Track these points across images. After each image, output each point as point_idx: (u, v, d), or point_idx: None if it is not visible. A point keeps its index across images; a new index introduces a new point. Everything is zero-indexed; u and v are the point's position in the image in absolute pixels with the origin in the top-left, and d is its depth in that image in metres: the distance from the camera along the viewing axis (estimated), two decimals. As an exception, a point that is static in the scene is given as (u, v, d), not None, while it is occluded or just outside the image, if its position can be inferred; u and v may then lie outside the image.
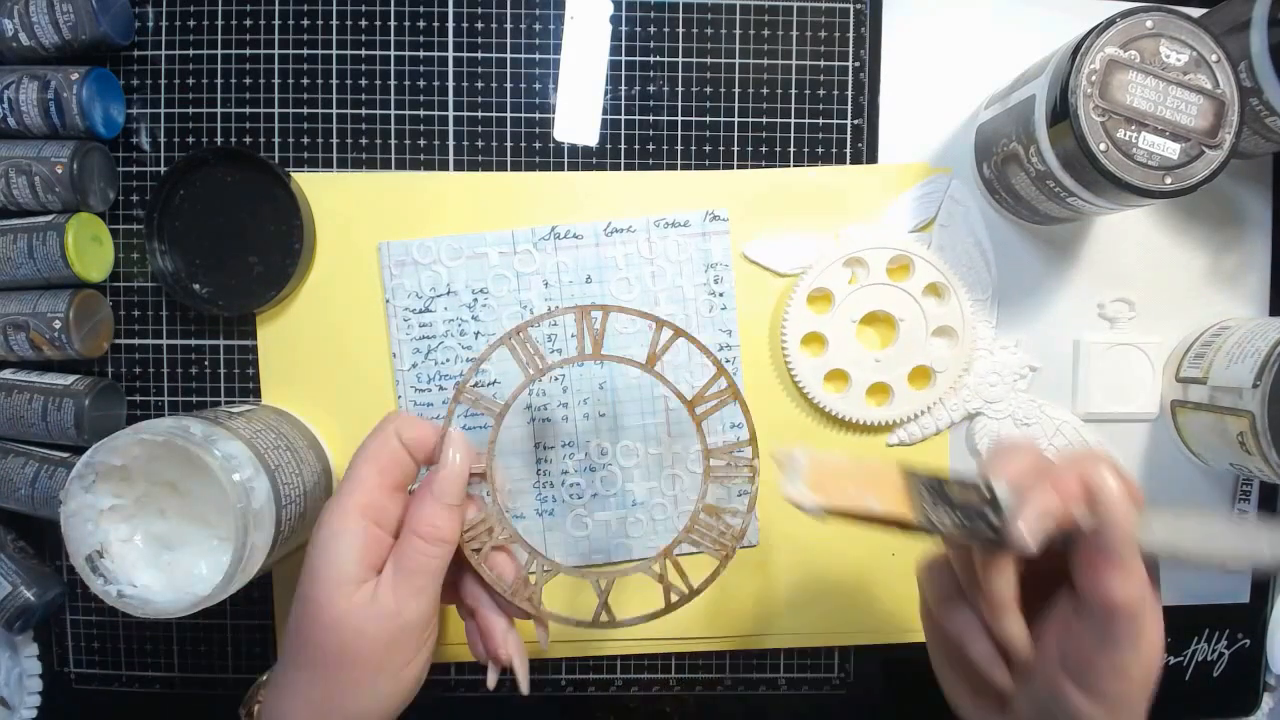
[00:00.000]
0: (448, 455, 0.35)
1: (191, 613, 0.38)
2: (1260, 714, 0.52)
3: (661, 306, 0.48)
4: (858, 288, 0.47)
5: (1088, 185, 0.40)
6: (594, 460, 0.48)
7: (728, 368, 0.48)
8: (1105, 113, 0.38)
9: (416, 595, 0.33)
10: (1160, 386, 0.50)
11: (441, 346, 0.48)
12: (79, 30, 0.44)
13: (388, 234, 0.47)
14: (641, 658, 0.50)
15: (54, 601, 0.47)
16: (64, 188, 0.44)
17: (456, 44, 0.48)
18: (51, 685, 0.49)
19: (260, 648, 0.49)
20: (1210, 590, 0.51)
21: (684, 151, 0.49)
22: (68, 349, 0.45)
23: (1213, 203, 0.49)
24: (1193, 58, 0.38)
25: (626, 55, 0.48)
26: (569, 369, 0.48)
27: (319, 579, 0.33)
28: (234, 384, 0.48)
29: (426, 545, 0.34)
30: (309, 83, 0.48)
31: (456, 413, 0.38)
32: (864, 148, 0.49)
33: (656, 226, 0.48)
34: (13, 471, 0.45)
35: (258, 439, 0.41)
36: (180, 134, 0.48)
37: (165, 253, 0.46)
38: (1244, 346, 0.44)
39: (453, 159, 0.48)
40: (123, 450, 0.38)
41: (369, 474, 0.34)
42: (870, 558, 0.49)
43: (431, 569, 0.34)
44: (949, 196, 0.48)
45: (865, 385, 0.48)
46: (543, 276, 0.48)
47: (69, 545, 0.38)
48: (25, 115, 0.44)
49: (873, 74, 0.49)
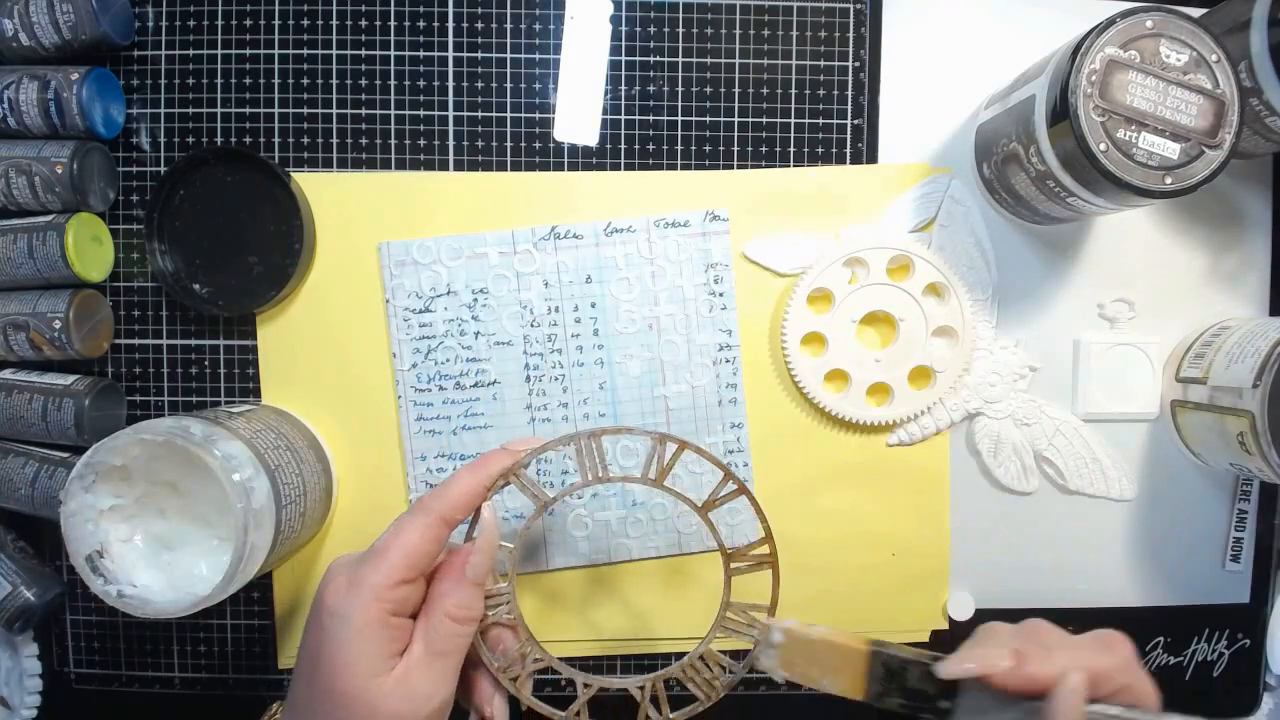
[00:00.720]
0: (486, 537, 0.35)
1: (191, 613, 0.38)
2: (1260, 714, 0.52)
3: (661, 306, 0.48)
4: (858, 288, 0.47)
5: (1088, 185, 0.40)
6: (594, 460, 0.48)
7: (727, 367, 0.48)
8: (1105, 113, 0.38)
9: (448, 677, 0.34)
10: (1160, 386, 0.50)
11: (441, 346, 0.48)
12: (79, 30, 0.44)
13: (388, 234, 0.47)
14: (641, 658, 0.50)
15: (54, 601, 0.47)
16: (64, 188, 0.44)
17: (456, 44, 0.48)
18: (51, 685, 0.49)
19: (260, 647, 0.49)
20: (1210, 590, 0.51)
21: (684, 151, 0.49)
22: (68, 349, 0.45)
23: (1213, 203, 0.49)
24: (1193, 58, 0.38)
25: (626, 55, 0.48)
26: (570, 368, 0.48)
27: (346, 673, 0.32)
28: (234, 384, 0.48)
29: (459, 627, 0.34)
30: (309, 83, 0.48)
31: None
32: (864, 148, 0.49)
33: (656, 226, 0.48)
34: (13, 471, 0.45)
35: (258, 439, 0.41)
36: (180, 134, 0.48)
37: (165, 253, 0.46)
38: (1244, 346, 0.44)
39: (453, 159, 0.48)
40: (123, 450, 0.38)
41: (398, 564, 0.33)
42: (870, 558, 0.49)
43: (462, 648, 0.34)
44: (949, 196, 0.48)
45: (865, 385, 0.48)
46: (543, 276, 0.48)
47: (69, 545, 0.38)
48: (25, 115, 0.44)
49: (873, 74, 0.49)
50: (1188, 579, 0.51)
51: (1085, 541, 0.50)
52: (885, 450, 0.49)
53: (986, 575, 0.50)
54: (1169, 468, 0.50)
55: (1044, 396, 0.49)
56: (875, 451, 0.49)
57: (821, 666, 0.35)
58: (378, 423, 0.48)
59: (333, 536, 0.48)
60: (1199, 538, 0.51)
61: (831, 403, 0.48)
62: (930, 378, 0.48)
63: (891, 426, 0.49)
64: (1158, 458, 0.50)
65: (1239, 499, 0.50)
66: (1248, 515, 0.51)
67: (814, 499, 0.49)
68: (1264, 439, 0.42)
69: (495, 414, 0.48)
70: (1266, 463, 0.42)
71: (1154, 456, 0.50)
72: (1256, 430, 0.42)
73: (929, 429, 0.49)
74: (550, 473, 0.48)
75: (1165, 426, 0.50)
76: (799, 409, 0.49)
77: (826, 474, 0.49)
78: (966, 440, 0.50)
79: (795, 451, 0.49)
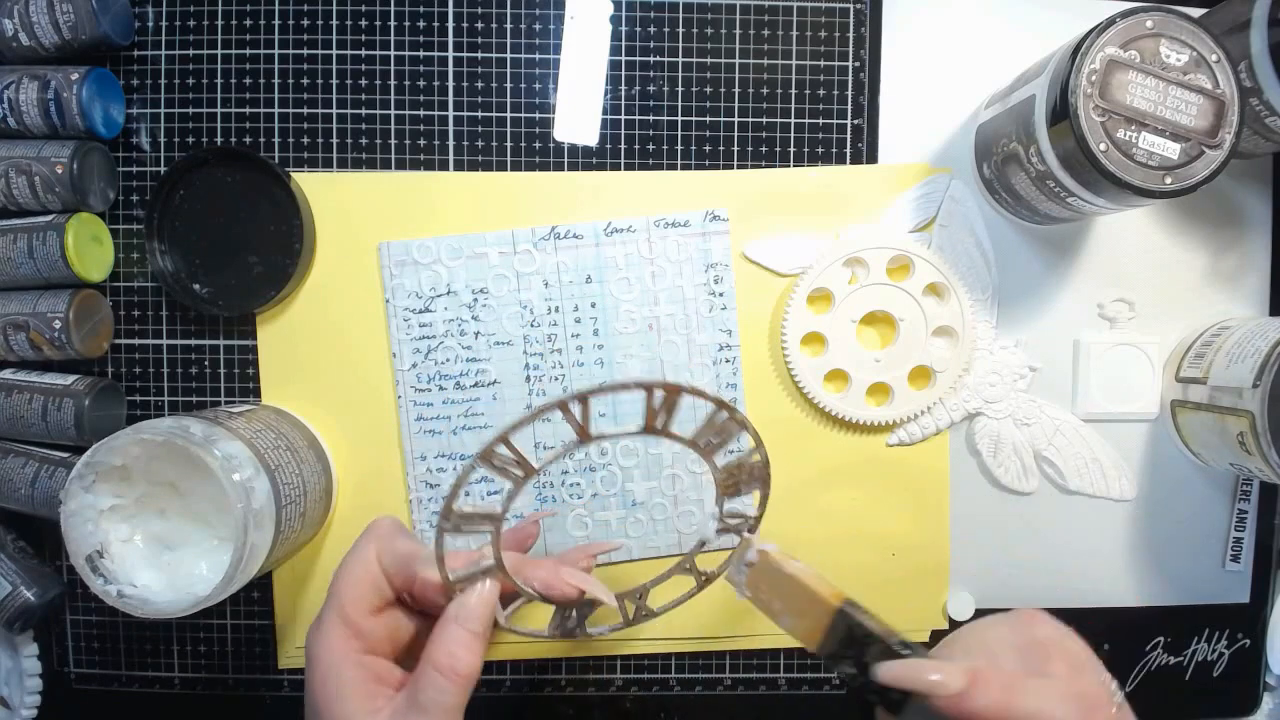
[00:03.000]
0: (475, 587, 0.32)
1: (191, 613, 0.38)
2: (1260, 714, 0.52)
3: (661, 306, 0.48)
4: (858, 288, 0.47)
5: (1088, 185, 0.40)
6: (594, 460, 0.48)
7: (727, 367, 0.48)
8: (1105, 113, 0.38)
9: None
10: (1160, 386, 0.50)
11: (441, 346, 0.48)
12: (79, 30, 0.44)
13: (388, 234, 0.47)
14: (641, 658, 0.50)
15: (54, 601, 0.47)
16: (64, 188, 0.44)
17: (456, 44, 0.48)
18: (51, 685, 0.49)
19: (260, 648, 0.49)
20: (1210, 590, 0.51)
21: (684, 151, 0.49)
22: (68, 349, 0.45)
23: (1213, 203, 0.49)
24: (1193, 58, 0.38)
25: (626, 55, 0.48)
26: (570, 368, 0.48)
27: (327, 713, 0.31)
28: (234, 384, 0.48)
29: (444, 681, 0.30)
30: (309, 83, 0.48)
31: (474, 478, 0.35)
32: (864, 148, 0.49)
33: (656, 226, 0.48)
34: (13, 471, 0.45)
35: (258, 439, 0.41)
36: (180, 134, 0.48)
37: (165, 253, 0.46)
38: (1244, 346, 0.44)
39: (453, 159, 0.48)
40: (123, 450, 0.38)
41: (347, 596, 0.32)
42: (870, 558, 0.50)
43: (448, 705, 0.31)
44: (949, 196, 0.48)
45: (865, 385, 0.48)
46: (543, 276, 0.48)
47: (69, 545, 0.38)
48: (25, 115, 0.44)
49: (873, 74, 0.49)
50: (1188, 579, 0.51)
51: (1085, 542, 0.50)
52: (885, 450, 0.49)
53: (986, 575, 0.50)
54: (1169, 468, 0.50)
55: (1044, 396, 0.49)
56: (875, 451, 0.49)
57: (785, 602, 0.33)
58: (378, 423, 0.48)
59: (333, 536, 0.48)
60: (1199, 538, 0.51)
61: (831, 403, 0.48)
62: (930, 378, 0.48)
63: (891, 426, 0.49)
64: (1158, 458, 0.50)
65: (1239, 499, 0.50)
66: (1248, 515, 0.51)
67: (814, 499, 0.49)
68: (1264, 439, 0.42)
69: (495, 414, 0.48)
70: (1266, 463, 0.42)
71: (1154, 456, 0.50)
72: (1256, 430, 0.42)
73: (929, 429, 0.49)
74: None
75: (1165, 426, 0.50)
76: (799, 409, 0.49)
77: (826, 474, 0.49)
78: (966, 440, 0.50)
79: (795, 451, 0.49)
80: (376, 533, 0.34)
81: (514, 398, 0.48)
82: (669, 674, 0.50)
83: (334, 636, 0.32)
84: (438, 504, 0.48)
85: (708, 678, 0.51)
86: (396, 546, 0.33)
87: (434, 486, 0.48)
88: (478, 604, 0.32)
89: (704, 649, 0.50)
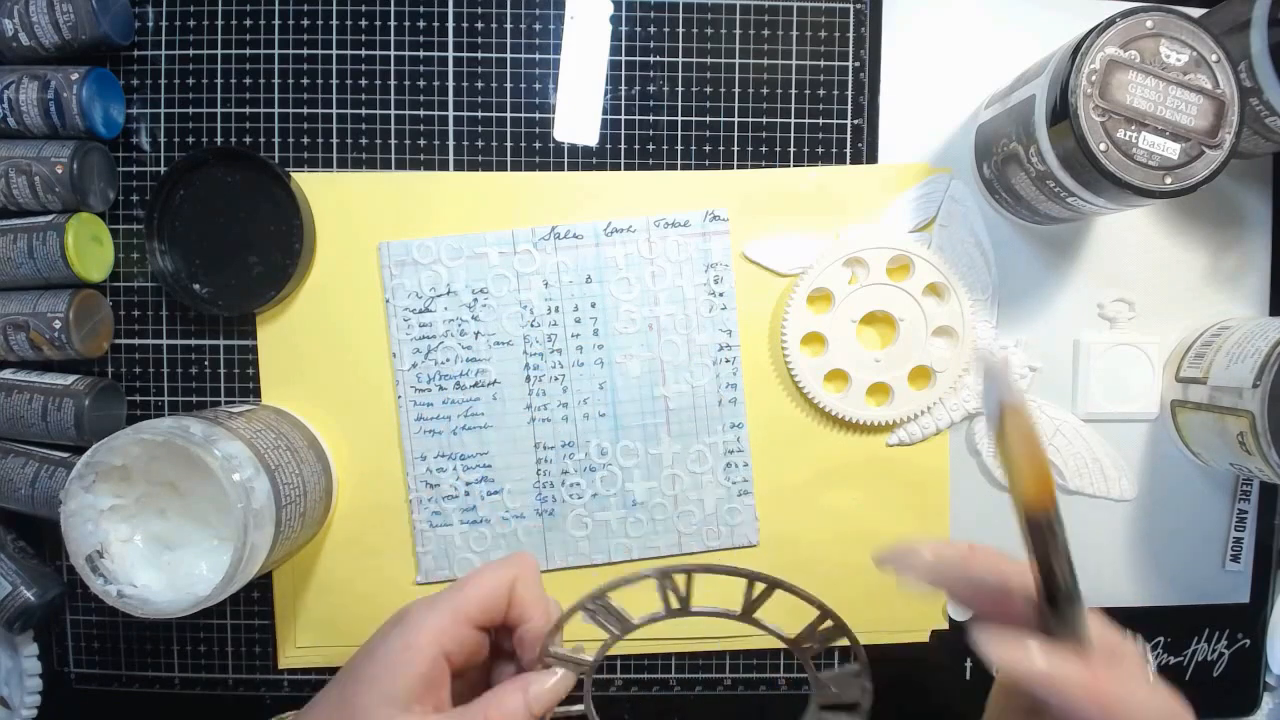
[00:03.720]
0: (557, 675, 0.32)
1: (191, 613, 0.38)
2: (1260, 714, 0.52)
3: (661, 306, 0.48)
4: (858, 288, 0.47)
5: (1088, 185, 0.40)
6: (594, 460, 0.48)
7: (727, 367, 0.48)
8: (1105, 113, 0.38)
9: None
10: (1160, 386, 0.50)
11: (441, 346, 0.48)
12: (79, 30, 0.44)
13: (388, 234, 0.47)
14: (641, 658, 0.50)
15: (54, 601, 0.47)
16: (64, 188, 0.44)
17: (456, 44, 0.48)
18: (51, 685, 0.49)
19: (260, 647, 0.49)
20: (1210, 590, 0.51)
21: (684, 151, 0.49)
22: (68, 349, 0.45)
23: (1213, 203, 0.49)
24: (1193, 58, 0.38)
25: (626, 55, 0.48)
26: (570, 368, 0.48)
27: (370, 684, 0.30)
28: (234, 384, 0.48)
29: None
30: (309, 83, 0.48)
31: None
32: (864, 148, 0.49)
33: (656, 226, 0.48)
34: (13, 471, 0.45)
35: (258, 439, 0.41)
36: (180, 134, 0.48)
37: (165, 253, 0.46)
38: (1244, 346, 0.44)
39: (453, 159, 0.48)
40: (123, 450, 0.38)
41: (474, 599, 0.32)
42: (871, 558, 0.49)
43: None
44: (949, 196, 0.48)
45: (865, 385, 0.48)
46: (543, 276, 0.48)
47: (69, 545, 0.38)
48: (25, 115, 0.44)
49: (873, 74, 0.49)
50: (1188, 579, 0.51)
51: (1085, 541, 0.50)
52: (885, 450, 0.49)
53: (986, 575, 0.50)
54: (1169, 468, 0.50)
55: (1044, 396, 0.49)
56: (875, 451, 0.49)
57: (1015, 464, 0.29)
58: (378, 423, 0.48)
59: (333, 536, 0.48)
60: (1199, 538, 0.51)
61: (831, 403, 0.48)
62: (930, 378, 0.48)
63: (891, 426, 0.49)
64: (1158, 458, 0.50)
65: (1239, 499, 0.50)
66: (1248, 515, 0.51)
67: (814, 499, 0.49)
68: (1264, 439, 0.42)
69: (495, 414, 0.48)
70: (1266, 463, 0.42)
71: (1154, 456, 0.50)
72: (1256, 430, 0.42)
73: (929, 429, 0.49)
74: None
75: (1165, 426, 0.50)
76: (799, 409, 0.49)
77: (826, 474, 0.49)
78: (966, 440, 0.50)
79: (795, 451, 0.49)
80: (523, 563, 0.34)
81: (514, 398, 0.48)
82: (669, 674, 0.50)
83: (438, 618, 0.31)
84: (437, 504, 0.48)
85: (708, 678, 0.51)
86: (531, 588, 0.33)
87: (434, 486, 0.48)
88: (549, 693, 0.32)
89: (704, 649, 0.50)
